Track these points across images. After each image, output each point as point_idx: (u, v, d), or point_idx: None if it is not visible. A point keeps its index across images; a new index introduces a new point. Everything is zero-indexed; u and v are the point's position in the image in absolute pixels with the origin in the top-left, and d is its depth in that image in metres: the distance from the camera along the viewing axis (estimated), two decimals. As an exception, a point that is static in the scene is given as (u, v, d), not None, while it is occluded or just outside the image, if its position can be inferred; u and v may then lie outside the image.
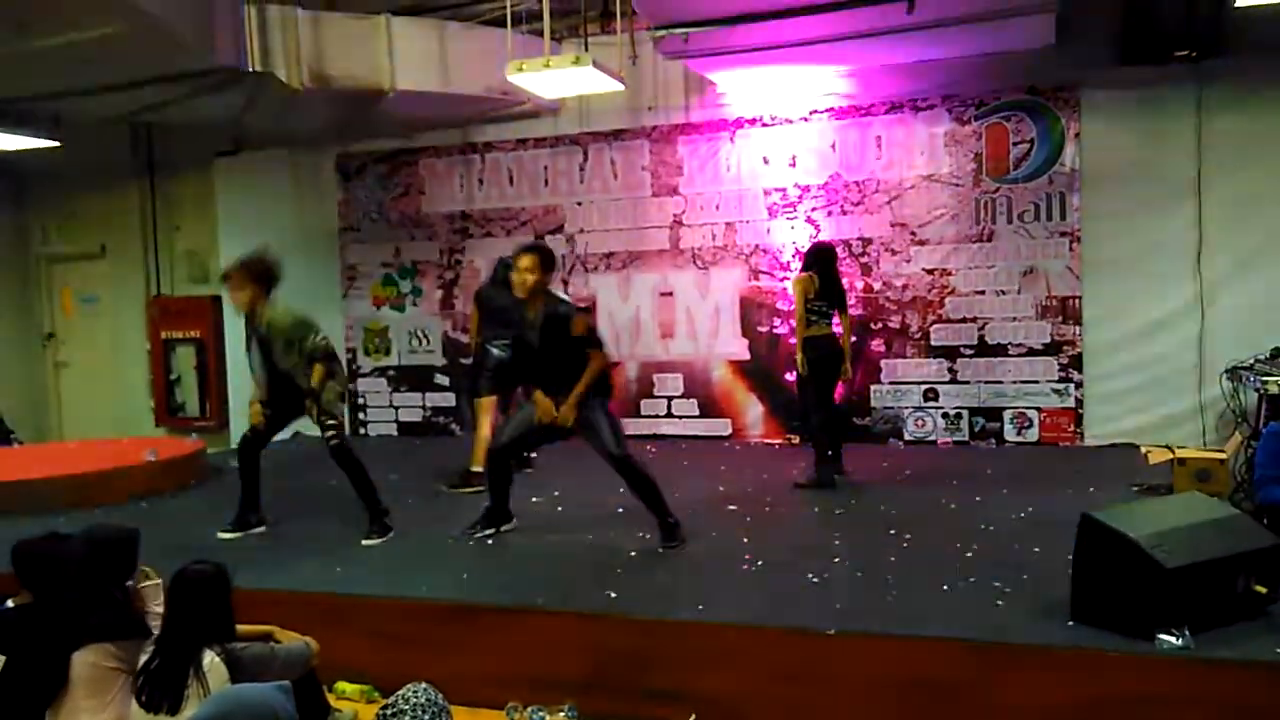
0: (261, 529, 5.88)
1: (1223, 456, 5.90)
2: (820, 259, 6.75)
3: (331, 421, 5.58)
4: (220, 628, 3.23)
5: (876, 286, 8.22)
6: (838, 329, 6.72)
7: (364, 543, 5.51)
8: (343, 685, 4.21)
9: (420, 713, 2.73)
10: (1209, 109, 7.35)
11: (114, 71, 7.16)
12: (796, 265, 8.21)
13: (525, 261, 5.22)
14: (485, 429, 6.78)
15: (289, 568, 5.10)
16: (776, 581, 4.58)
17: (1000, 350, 7.94)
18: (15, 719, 3.21)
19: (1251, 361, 6.51)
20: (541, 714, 3.90)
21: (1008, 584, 4.34)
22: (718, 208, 8.65)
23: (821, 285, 6.60)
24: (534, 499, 6.35)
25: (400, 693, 2.86)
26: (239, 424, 9.88)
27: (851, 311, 7.76)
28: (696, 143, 8.68)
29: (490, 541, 5.45)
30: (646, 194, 8.85)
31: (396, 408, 9.76)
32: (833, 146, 8.31)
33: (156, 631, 3.35)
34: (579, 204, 9.04)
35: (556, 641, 4.17)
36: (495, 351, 6.87)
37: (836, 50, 7.22)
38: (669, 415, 8.86)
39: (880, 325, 8.22)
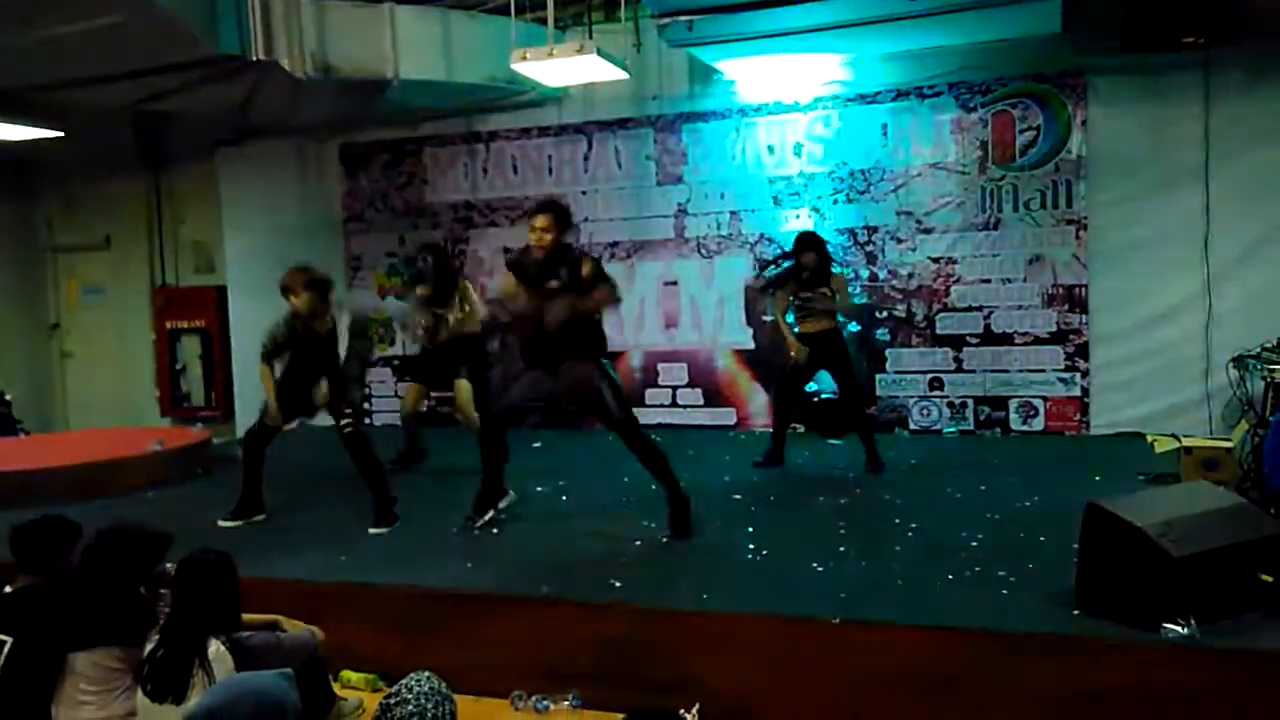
0: (261, 517, 5.90)
1: (1229, 445, 5.88)
2: None
3: (349, 409, 5.64)
4: (226, 616, 3.23)
5: (882, 275, 8.20)
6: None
7: (371, 531, 5.53)
8: (348, 674, 4.21)
9: (424, 701, 2.72)
10: (1216, 95, 7.31)
11: (118, 61, 7.16)
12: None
13: (541, 221, 5.13)
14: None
15: (295, 556, 5.11)
16: (781, 571, 4.58)
17: (1006, 339, 7.92)
18: (20, 706, 3.22)
19: (1258, 350, 6.49)
20: (546, 703, 3.90)
21: (1013, 573, 4.33)
22: (722, 196, 8.62)
23: None
24: (538, 488, 6.36)
25: (404, 681, 2.86)
26: (245, 414, 9.90)
27: (857, 300, 8.13)
28: (701, 131, 8.65)
29: (495, 530, 5.44)
30: (651, 183, 8.83)
31: (401, 398, 9.74)
32: (838, 134, 8.28)
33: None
34: (583, 193, 9.01)
35: (561, 631, 4.17)
36: None
37: (842, 37, 7.18)
38: (673, 404, 8.86)
39: (885, 314, 8.20)
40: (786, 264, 6.88)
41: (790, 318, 6.88)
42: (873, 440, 6.74)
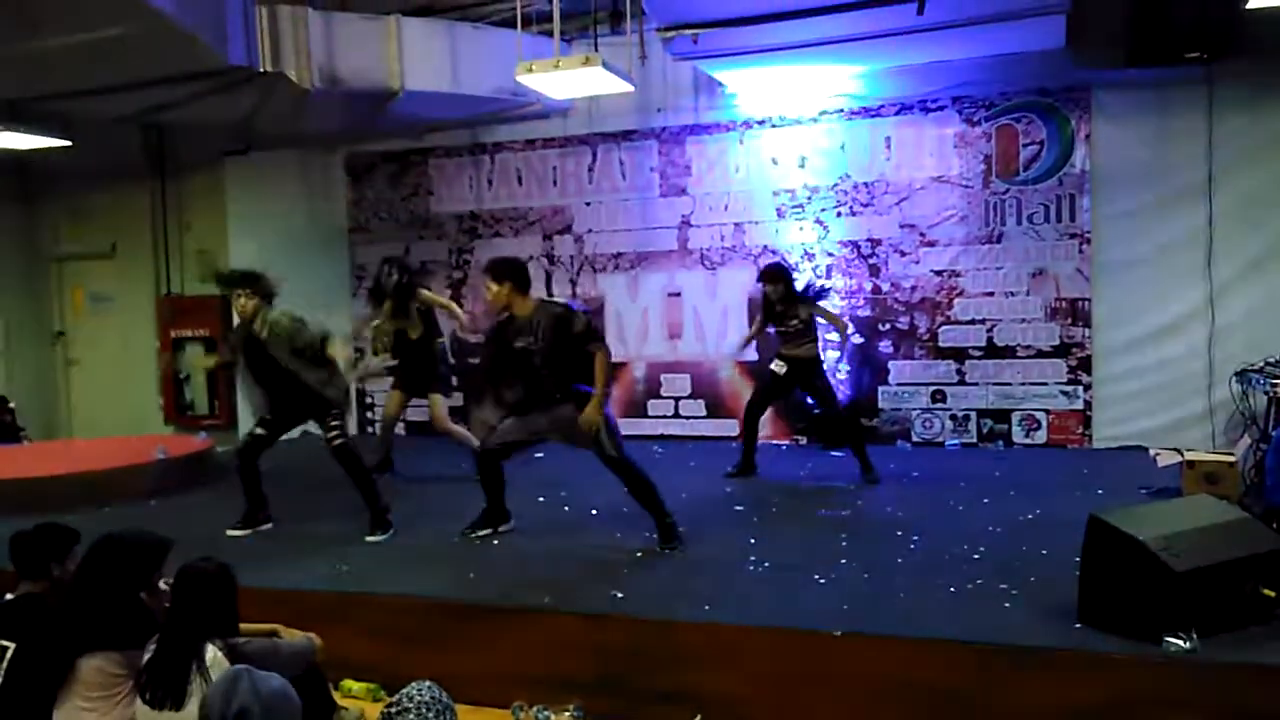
0: (269, 525, 5.91)
1: (1232, 459, 5.87)
2: None
3: (336, 421, 5.63)
4: (223, 623, 3.23)
5: (885, 288, 8.21)
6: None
7: (367, 539, 5.53)
8: (349, 683, 4.22)
9: (425, 710, 2.73)
10: (1220, 110, 7.33)
11: (125, 71, 7.18)
12: (809, 268, 8.23)
13: (488, 282, 5.21)
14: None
15: (295, 565, 5.12)
16: (783, 582, 4.57)
17: (1009, 352, 7.92)
18: (22, 711, 3.22)
19: (1261, 364, 6.49)
20: (547, 713, 3.90)
21: (1015, 586, 4.33)
22: (726, 208, 8.65)
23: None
24: (539, 499, 6.36)
25: (405, 690, 2.86)
26: (247, 423, 9.92)
27: (860, 312, 8.24)
28: (705, 143, 8.68)
29: (495, 541, 5.45)
30: (655, 195, 8.86)
31: (404, 407, 9.74)
32: (842, 147, 8.30)
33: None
34: (587, 204, 9.04)
35: (562, 641, 4.17)
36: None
37: (846, 51, 7.21)
38: (676, 415, 8.86)
39: (888, 326, 8.21)
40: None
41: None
42: (864, 452, 6.76)
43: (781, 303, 6.77)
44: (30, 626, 3.31)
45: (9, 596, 3.57)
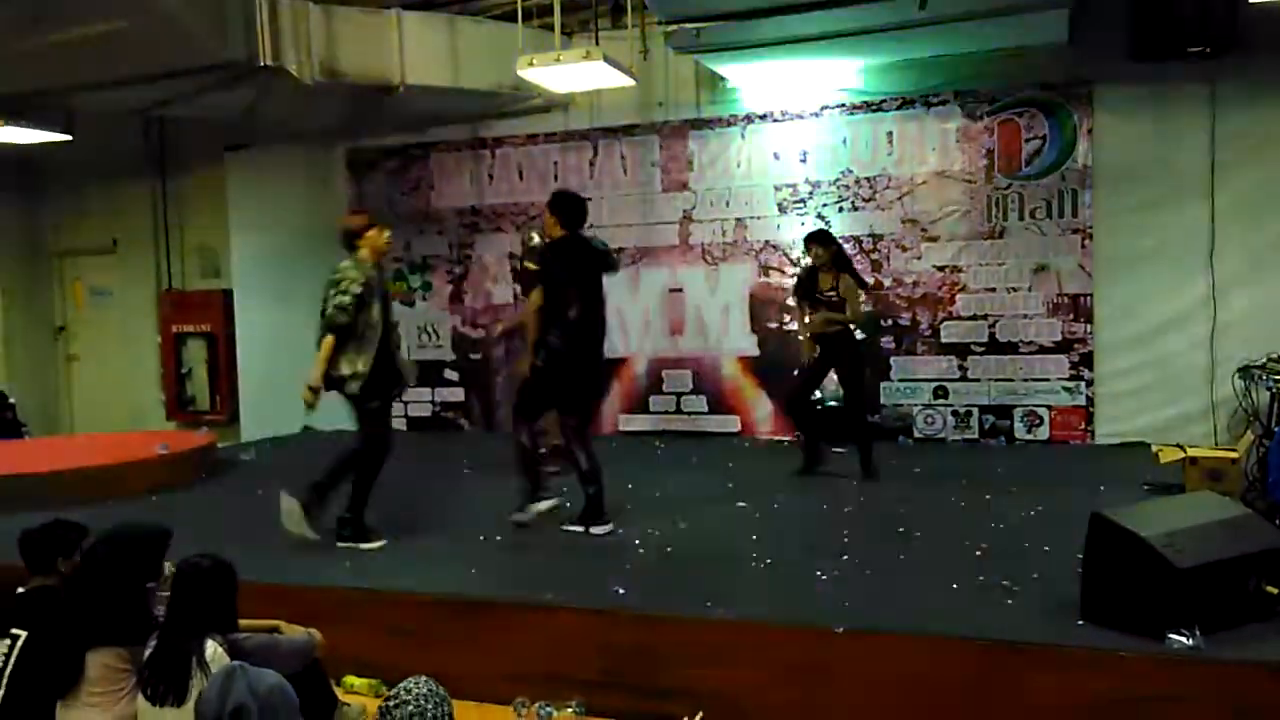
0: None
1: (1234, 456, 5.86)
2: None
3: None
4: (222, 619, 3.23)
5: (887, 283, 8.20)
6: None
7: (339, 545, 5.32)
8: (351, 679, 4.21)
9: (424, 702, 2.73)
10: (1222, 105, 7.31)
11: (126, 66, 7.17)
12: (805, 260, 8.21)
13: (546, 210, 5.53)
14: None
15: (300, 561, 5.11)
16: (785, 579, 4.57)
17: (1011, 348, 7.91)
18: (30, 701, 3.24)
19: (1264, 360, 6.48)
20: (549, 709, 3.90)
21: (1017, 583, 4.32)
22: (728, 204, 8.64)
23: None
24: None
25: (403, 684, 2.87)
26: (250, 417, 9.94)
27: (862, 308, 7.99)
28: (707, 138, 8.66)
29: (499, 537, 5.44)
30: (656, 190, 8.84)
31: (406, 403, 9.75)
32: (844, 142, 8.29)
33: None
34: (588, 199, 8.96)
35: (564, 637, 4.17)
36: None
37: (849, 45, 7.19)
38: (678, 411, 8.86)
39: (890, 322, 8.20)
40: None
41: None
42: (869, 449, 6.72)
43: (828, 268, 6.58)
44: (44, 616, 3.34)
45: (20, 590, 3.60)
